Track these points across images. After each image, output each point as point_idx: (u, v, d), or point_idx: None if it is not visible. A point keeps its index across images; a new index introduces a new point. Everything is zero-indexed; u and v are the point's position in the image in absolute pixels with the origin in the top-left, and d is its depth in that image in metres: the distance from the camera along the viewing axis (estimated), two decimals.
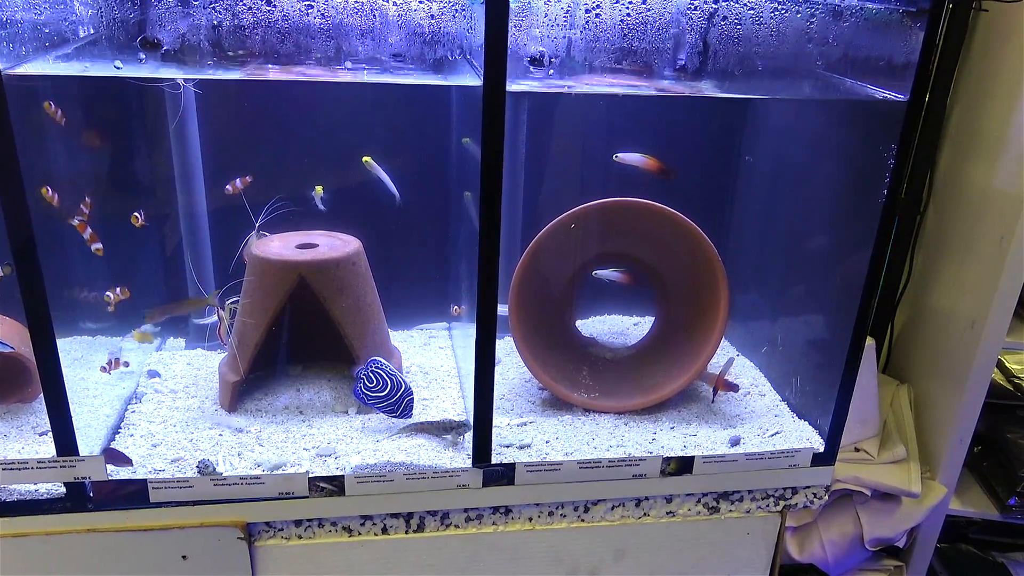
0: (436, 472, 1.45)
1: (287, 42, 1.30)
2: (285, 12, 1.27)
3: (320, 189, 1.71)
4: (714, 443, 1.56)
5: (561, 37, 1.37)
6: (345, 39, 1.30)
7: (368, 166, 1.68)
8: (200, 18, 1.29)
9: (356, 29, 1.31)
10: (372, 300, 1.66)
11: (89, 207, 1.51)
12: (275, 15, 1.27)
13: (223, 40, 1.31)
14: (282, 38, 1.31)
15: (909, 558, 2.16)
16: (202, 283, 1.80)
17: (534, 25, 1.37)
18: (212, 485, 1.40)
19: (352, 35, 1.31)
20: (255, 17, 1.27)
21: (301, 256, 1.57)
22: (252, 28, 1.29)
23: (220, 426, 1.55)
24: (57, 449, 1.33)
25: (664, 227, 1.62)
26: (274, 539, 1.47)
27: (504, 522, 1.54)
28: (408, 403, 1.54)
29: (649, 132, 1.78)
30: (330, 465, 1.46)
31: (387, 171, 1.73)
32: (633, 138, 1.74)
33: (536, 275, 1.66)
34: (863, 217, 1.44)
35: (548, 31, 1.37)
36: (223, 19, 1.29)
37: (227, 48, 1.32)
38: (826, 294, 1.63)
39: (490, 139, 1.24)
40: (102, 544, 1.40)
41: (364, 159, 1.69)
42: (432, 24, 1.33)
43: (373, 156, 1.72)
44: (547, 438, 1.56)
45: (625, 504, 1.55)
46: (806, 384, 1.66)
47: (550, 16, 1.36)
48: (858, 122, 1.50)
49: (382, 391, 1.51)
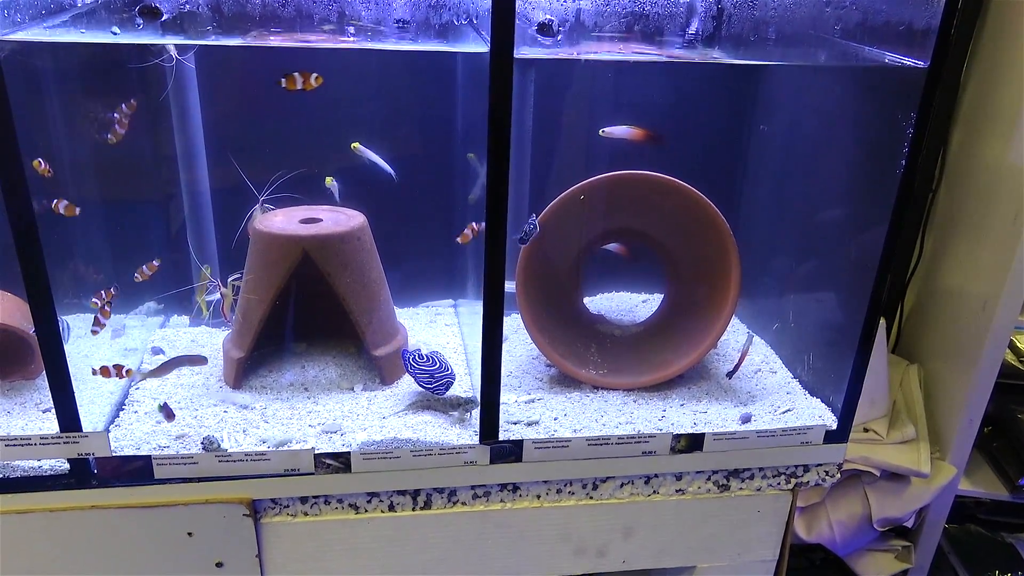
0: (443, 449, 1.43)
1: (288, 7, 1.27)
2: None
3: (330, 180, 1.69)
4: (725, 420, 1.54)
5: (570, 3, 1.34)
6: (348, 4, 1.27)
7: (356, 151, 1.65)
8: None
9: None
10: (377, 276, 1.64)
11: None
12: None
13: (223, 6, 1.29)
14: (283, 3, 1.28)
15: (917, 538, 2.15)
16: (206, 259, 1.78)
17: None
18: (217, 462, 1.38)
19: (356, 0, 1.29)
20: None
21: (305, 231, 1.55)
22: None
23: (225, 403, 1.54)
24: (60, 425, 1.32)
25: (675, 201, 1.60)
26: (280, 516, 1.46)
27: (512, 499, 1.52)
28: (447, 383, 1.53)
29: (660, 101, 1.75)
30: (336, 442, 1.44)
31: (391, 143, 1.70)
32: (644, 107, 1.71)
33: (543, 251, 1.63)
34: (879, 190, 1.42)
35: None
36: None
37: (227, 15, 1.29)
38: (840, 270, 1.60)
39: (497, 109, 1.21)
40: (107, 520, 1.39)
41: (352, 145, 1.65)
42: None
43: (378, 127, 1.69)
44: (555, 415, 1.54)
45: (634, 482, 1.54)
46: (818, 361, 1.64)
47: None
48: (876, 90, 1.47)
49: (428, 365, 1.53)
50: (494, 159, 1.25)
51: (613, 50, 1.40)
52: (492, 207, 1.28)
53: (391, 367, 1.64)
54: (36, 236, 1.18)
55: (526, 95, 1.70)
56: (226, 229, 1.74)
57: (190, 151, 1.69)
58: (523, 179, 1.78)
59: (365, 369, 1.68)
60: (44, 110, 1.51)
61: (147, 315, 1.80)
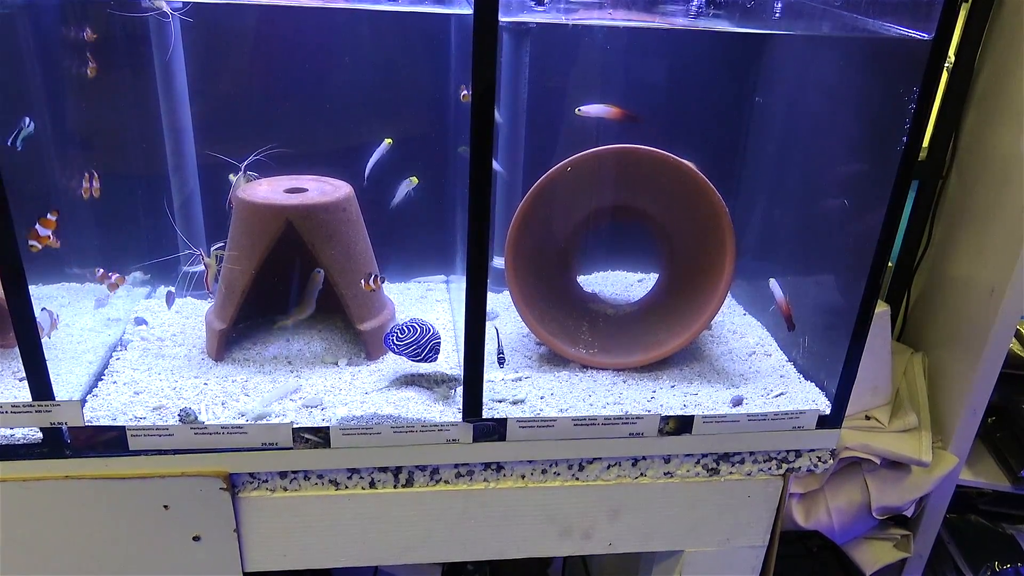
0: (425, 425, 1.40)
1: None
2: None
3: (415, 179, 1.68)
4: (716, 403, 1.50)
5: None
6: None
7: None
8: None
9: None
10: (363, 248, 1.60)
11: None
12: None
13: None
14: None
15: (917, 527, 2.12)
16: (193, 230, 1.75)
17: None
18: (193, 434, 1.35)
19: None
20: None
21: (288, 200, 1.51)
22: None
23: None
24: (32, 393, 1.29)
25: (670, 177, 1.55)
26: (258, 491, 1.43)
27: (496, 479, 1.49)
28: (434, 346, 1.50)
29: (658, 71, 1.70)
30: (316, 416, 1.42)
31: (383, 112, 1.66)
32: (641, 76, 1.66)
33: (534, 226, 1.59)
34: (880, 170, 1.37)
35: None
36: None
37: None
38: (839, 253, 1.55)
39: (481, 72, 1.17)
40: (81, 491, 1.36)
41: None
42: None
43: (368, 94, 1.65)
44: (542, 394, 1.51)
45: (621, 463, 1.50)
46: (814, 345, 1.60)
47: None
48: (879, 64, 1.42)
49: (411, 335, 1.49)
50: (478, 126, 1.20)
51: (610, 16, 1.35)
52: (476, 179, 1.23)
53: (377, 342, 1.61)
54: (5, 202, 1.15)
55: (521, 65, 1.65)
56: (214, 198, 1.71)
57: (175, 116, 1.65)
58: (518, 151, 1.73)
59: (351, 344, 1.65)
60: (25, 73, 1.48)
61: (133, 285, 1.77)
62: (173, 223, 1.69)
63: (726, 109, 1.84)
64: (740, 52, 1.79)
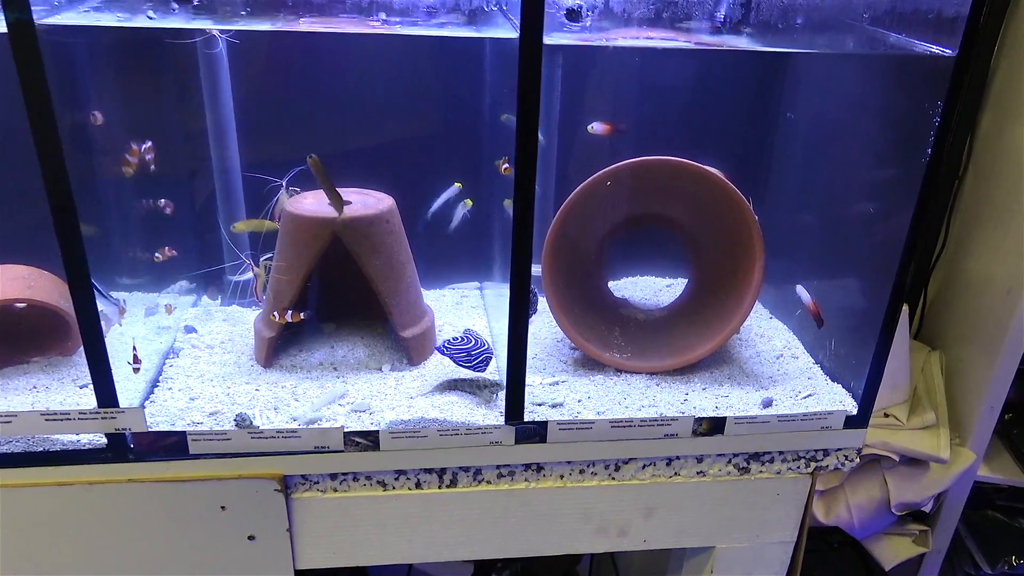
0: (469, 429, 1.46)
1: None
2: None
3: (470, 202, 1.74)
4: (746, 404, 1.56)
5: None
6: None
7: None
8: None
9: None
10: (405, 258, 1.66)
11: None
12: None
13: None
14: None
15: (935, 523, 2.16)
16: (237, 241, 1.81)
17: None
18: (249, 438, 1.42)
19: None
20: None
21: (335, 213, 1.57)
22: None
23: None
24: (98, 401, 1.36)
25: (700, 186, 1.61)
26: (310, 491, 1.50)
27: (536, 479, 1.55)
28: (486, 359, 1.56)
29: (687, 86, 1.76)
30: (364, 420, 1.48)
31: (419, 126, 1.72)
32: (668, 93, 1.72)
33: (569, 235, 1.65)
34: (904, 178, 1.42)
35: None
36: None
37: None
38: (863, 257, 1.61)
39: (526, 92, 1.23)
40: (143, 493, 1.43)
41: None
42: None
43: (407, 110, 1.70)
44: (579, 397, 1.57)
45: (656, 463, 1.56)
46: (840, 347, 1.65)
47: None
48: (902, 78, 1.47)
49: (463, 344, 1.55)
50: (522, 144, 1.27)
51: (640, 36, 1.41)
52: (520, 189, 1.29)
53: (419, 348, 1.67)
54: (74, 213, 1.21)
55: (553, 80, 1.71)
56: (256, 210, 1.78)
57: (221, 134, 1.72)
58: (550, 165, 1.79)
59: (393, 349, 1.71)
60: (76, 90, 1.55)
61: (180, 294, 1.83)
62: (225, 236, 1.75)
63: (756, 122, 1.90)
64: (768, 68, 1.84)
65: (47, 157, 1.17)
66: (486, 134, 1.80)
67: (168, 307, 1.70)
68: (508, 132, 1.59)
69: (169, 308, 1.70)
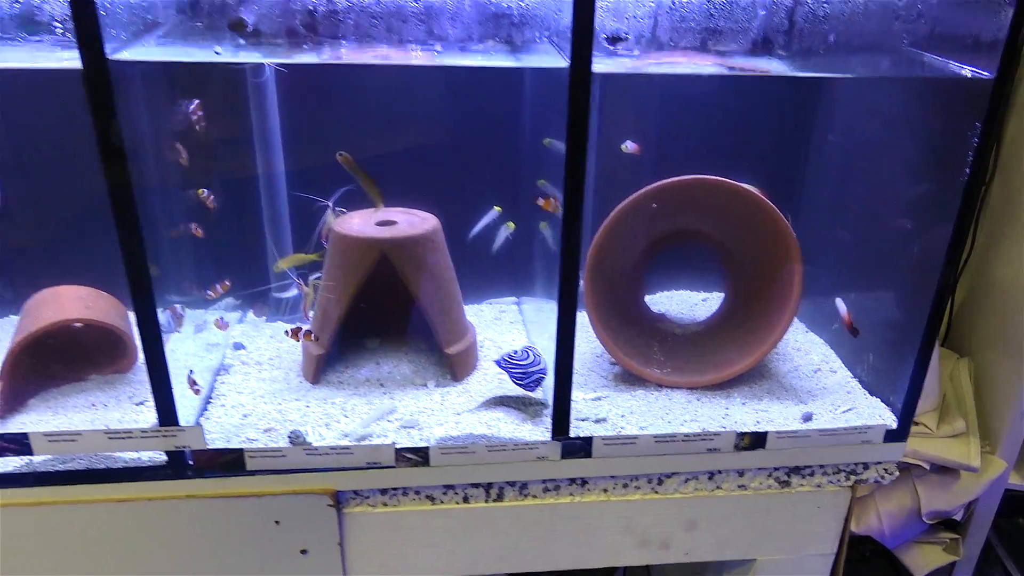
0: (517, 445, 1.50)
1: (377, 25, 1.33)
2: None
3: (512, 225, 1.79)
4: (786, 419, 1.59)
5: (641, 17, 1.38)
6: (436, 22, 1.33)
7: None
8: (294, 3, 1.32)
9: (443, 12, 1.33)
10: (450, 276, 1.70)
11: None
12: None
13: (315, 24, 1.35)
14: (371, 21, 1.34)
15: (966, 531, 2.17)
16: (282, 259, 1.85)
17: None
18: (305, 455, 1.46)
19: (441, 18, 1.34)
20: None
21: (382, 233, 1.61)
22: (343, 12, 1.32)
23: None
24: (160, 419, 1.40)
25: (738, 204, 1.64)
26: (361, 506, 1.53)
27: (580, 493, 1.58)
28: (539, 379, 1.59)
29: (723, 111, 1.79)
30: (414, 436, 1.51)
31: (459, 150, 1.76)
32: (707, 118, 1.76)
33: (610, 251, 1.68)
34: (940, 195, 1.45)
35: (627, 8, 1.39)
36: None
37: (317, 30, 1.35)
38: (900, 272, 1.63)
39: (575, 123, 1.27)
40: (200, 509, 1.47)
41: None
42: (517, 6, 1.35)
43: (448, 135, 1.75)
44: (621, 412, 1.60)
45: (698, 477, 1.59)
46: (878, 361, 1.68)
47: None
48: (940, 99, 1.50)
49: (521, 360, 1.58)
50: (571, 167, 1.31)
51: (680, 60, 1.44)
52: (569, 208, 1.33)
53: (463, 364, 1.71)
54: (140, 239, 1.25)
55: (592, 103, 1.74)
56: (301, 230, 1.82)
57: (268, 156, 1.77)
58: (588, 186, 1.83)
59: (436, 365, 1.75)
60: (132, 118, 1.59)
61: (227, 310, 1.88)
62: (275, 255, 1.79)
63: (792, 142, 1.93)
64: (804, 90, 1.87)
65: (116, 186, 1.21)
66: (524, 156, 1.84)
67: (219, 321, 1.73)
68: (547, 155, 1.64)
69: (220, 323, 1.73)
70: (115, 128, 1.17)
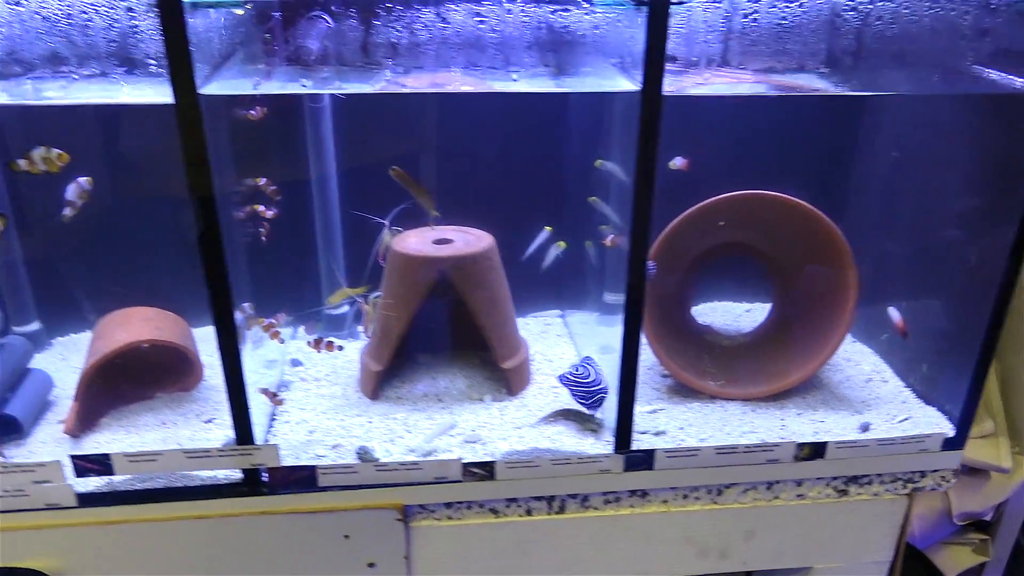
0: (580, 458, 1.53)
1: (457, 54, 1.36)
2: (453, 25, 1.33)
3: (563, 244, 1.83)
4: (842, 429, 1.62)
5: (708, 40, 1.41)
6: (512, 51, 1.36)
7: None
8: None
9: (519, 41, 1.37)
10: (505, 293, 1.73)
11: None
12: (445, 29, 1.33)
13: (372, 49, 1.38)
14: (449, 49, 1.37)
15: (995, 532, 2.17)
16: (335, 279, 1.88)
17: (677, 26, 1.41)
18: (374, 471, 1.49)
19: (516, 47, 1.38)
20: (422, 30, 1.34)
21: (441, 252, 1.64)
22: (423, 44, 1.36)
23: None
24: (237, 439, 1.43)
25: (790, 217, 1.66)
26: (427, 520, 1.56)
27: (641, 504, 1.61)
28: (600, 399, 1.60)
29: (783, 129, 1.82)
30: (478, 451, 1.54)
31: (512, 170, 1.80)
32: (766, 136, 1.79)
33: (662, 266, 1.71)
34: (998, 207, 1.47)
35: (693, 31, 1.42)
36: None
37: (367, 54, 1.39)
38: (953, 284, 1.66)
39: (646, 141, 1.30)
40: (274, 525, 1.50)
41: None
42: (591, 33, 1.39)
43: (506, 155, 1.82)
44: (680, 424, 1.63)
45: (757, 487, 1.61)
46: (932, 370, 1.70)
47: (696, 18, 1.40)
48: (1000, 114, 1.53)
49: (584, 377, 1.60)
50: (640, 189, 1.34)
51: (738, 80, 1.47)
52: (637, 227, 1.37)
53: (518, 378, 1.74)
54: (223, 262, 1.29)
55: None
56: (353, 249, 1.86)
57: (324, 179, 1.80)
58: None
59: (491, 380, 1.77)
60: None
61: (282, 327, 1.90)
62: (337, 275, 1.83)
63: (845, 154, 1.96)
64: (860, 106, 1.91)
65: (202, 204, 1.24)
66: (569, 175, 1.88)
67: (276, 334, 1.72)
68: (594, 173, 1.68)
69: (275, 332, 1.71)
70: (206, 167, 1.21)
